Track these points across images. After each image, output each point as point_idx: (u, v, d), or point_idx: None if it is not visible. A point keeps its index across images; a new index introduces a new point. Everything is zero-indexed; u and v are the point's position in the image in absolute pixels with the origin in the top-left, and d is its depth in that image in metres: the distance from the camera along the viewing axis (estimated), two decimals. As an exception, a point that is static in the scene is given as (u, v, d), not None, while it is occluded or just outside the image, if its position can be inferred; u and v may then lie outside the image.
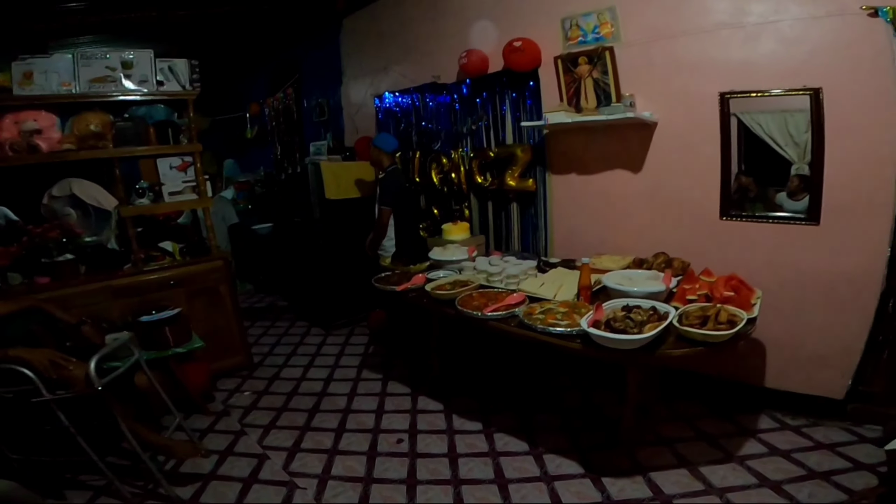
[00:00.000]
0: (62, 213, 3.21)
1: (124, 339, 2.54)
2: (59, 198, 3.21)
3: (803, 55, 2.47)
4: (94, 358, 2.21)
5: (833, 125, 2.44)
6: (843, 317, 2.55)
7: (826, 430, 2.58)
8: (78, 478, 2.52)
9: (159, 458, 2.55)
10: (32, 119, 3.02)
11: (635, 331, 2.02)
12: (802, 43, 2.47)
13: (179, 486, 2.43)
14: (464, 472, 2.46)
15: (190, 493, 2.41)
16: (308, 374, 3.73)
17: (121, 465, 2.57)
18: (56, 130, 3.11)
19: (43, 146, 3.01)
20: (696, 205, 2.91)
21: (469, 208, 4.09)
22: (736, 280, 2.37)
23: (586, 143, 3.28)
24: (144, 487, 2.43)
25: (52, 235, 3.05)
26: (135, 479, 2.47)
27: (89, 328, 2.56)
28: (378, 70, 4.70)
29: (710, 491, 2.20)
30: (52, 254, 3.03)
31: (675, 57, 2.84)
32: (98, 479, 2.46)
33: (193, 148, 3.47)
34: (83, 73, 3.15)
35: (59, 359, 2.21)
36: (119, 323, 2.92)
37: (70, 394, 2.19)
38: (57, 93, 3.08)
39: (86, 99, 3.17)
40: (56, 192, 3.21)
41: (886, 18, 2.25)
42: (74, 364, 2.23)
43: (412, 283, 3.00)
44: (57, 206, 3.22)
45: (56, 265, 3.03)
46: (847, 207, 2.47)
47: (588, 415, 2.92)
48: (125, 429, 2.25)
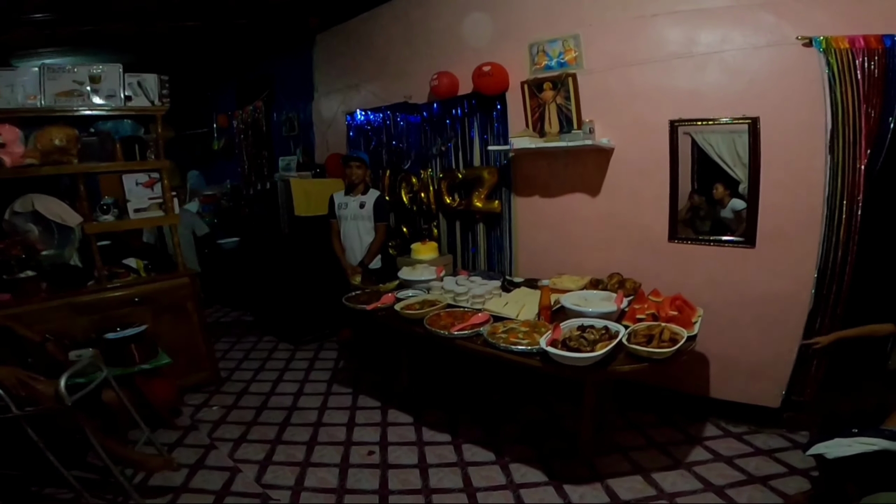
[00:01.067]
0: (24, 230, 3.11)
1: (89, 356, 2.52)
2: (20, 214, 3.12)
3: (744, 84, 2.61)
4: (64, 375, 2.20)
5: (768, 153, 2.62)
6: (777, 332, 2.76)
7: (765, 436, 2.79)
8: (43, 491, 2.49)
9: (128, 472, 2.51)
10: None
11: (588, 349, 2.18)
12: (744, 73, 2.60)
13: (149, 499, 2.42)
14: (434, 482, 2.54)
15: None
16: (277, 389, 3.73)
17: (88, 478, 2.51)
18: (19, 145, 3.01)
19: (6, 160, 2.92)
20: (646, 228, 3.07)
21: (438, 227, 4.16)
22: (680, 300, 2.57)
23: (549, 167, 3.42)
24: (114, 501, 2.41)
25: (13, 252, 2.97)
26: (103, 492, 2.44)
27: (53, 346, 2.54)
28: (350, 87, 4.72)
29: (661, 496, 2.36)
30: (12, 270, 2.96)
31: (631, 85, 2.96)
32: (65, 492, 2.43)
33: (160, 164, 3.42)
34: (49, 86, 3.08)
35: (25, 377, 2.20)
36: (82, 340, 2.87)
37: (39, 410, 2.17)
38: (22, 106, 3.01)
39: (51, 113, 3.10)
40: (18, 208, 3.11)
41: (820, 48, 2.42)
42: (42, 382, 2.22)
43: (382, 302, 3.08)
44: (18, 221, 3.12)
45: (17, 282, 2.95)
46: (780, 232, 2.67)
47: (550, 426, 3.04)
48: (96, 443, 2.23)
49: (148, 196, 3.41)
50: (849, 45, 2.37)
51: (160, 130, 3.47)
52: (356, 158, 3.89)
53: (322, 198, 4.20)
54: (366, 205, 3.83)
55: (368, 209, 3.82)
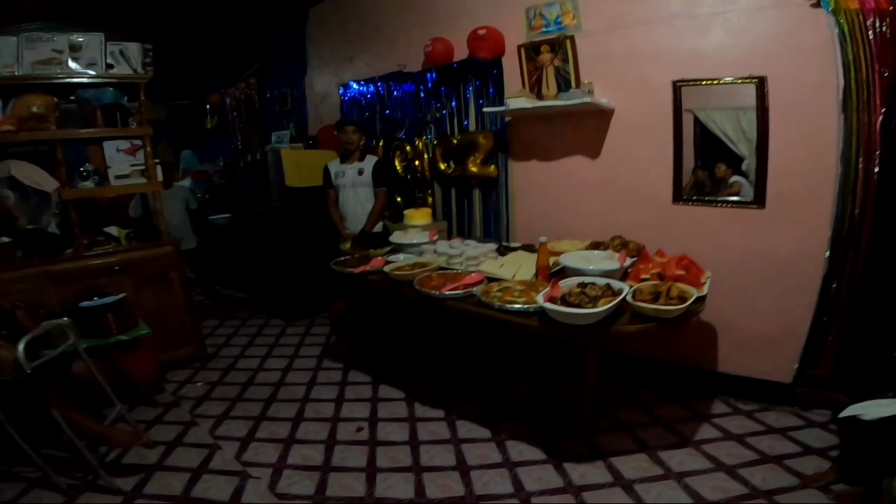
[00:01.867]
0: (0, 196, 3.03)
1: (59, 324, 2.40)
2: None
3: (749, 45, 2.55)
4: (23, 340, 2.09)
5: (777, 112, 2.52)
6: (789, 299, 2.64)
7: (776, 414, 2.65)
8: (12, 469, 2.39)
9: (101, 450, 2.44)
10: None
11: (590, 305, 2.03)
12: (749, 33, 2.55)
13: (121, 477, 2.33)
14: (425, 460, 2.43)
15: (132, 483, 2.31)
16: (265, 365, 3.64)
17: (59, 457, 2.44)
18: None
19: None
20: (650, 190, 2.97)
21: (432, 195, 4.09)
22: (687, 260, 2.41)
23: (546, 130, 3.33)
24: (83, 479, 2.33)
25: (-14, 218, 2.88)
26: (73, 470, 2.36)
27: (23, 313, 2.43)
28: (343, 59, 4.64)
29: (668, 475, 2.22)
30: (-14, 236, 2.86)
31: (632, 46, 2.90)
32: (33, 470, 2.34)
33: (143, 131, 3.35)
34: (27, 55, 3.05)
35: None
36: (58, 310, 2.76)
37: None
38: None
39: (29, 81, 3.05)
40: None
41: (828, 8, 2.35)
42: (2, 346, 2.11)
43: (371, 265, 2.96)
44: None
45: (-10, 248, 2.85)
46: (791, 192, 2.55)
47: (547, 402, 2.92)
48: (57, 415, 2.14)
49: (130, 163, 3.34)
50: (859, 6, 2.30)
51: (143, 98, 3.39)
52: (351, 122, 3.80)
53: (313, 168, 4.10)
54: (364, 171, 3.76)
55: (367, 175, 3.75)
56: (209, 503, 2.18)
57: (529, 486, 2.20)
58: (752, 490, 2.09)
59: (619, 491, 2.14)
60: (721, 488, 2.11)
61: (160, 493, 2.25)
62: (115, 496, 2.22)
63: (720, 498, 2.06)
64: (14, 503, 2.20)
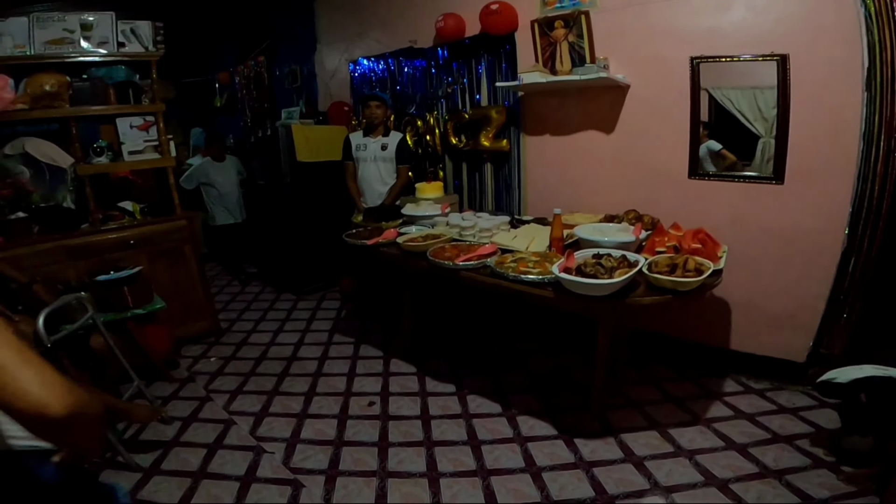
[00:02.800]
0: (15, 172, 3.06)
1: (78, 297, 2.40)
2: (11, 156, 3.08)
3: (771, 23, 2.50)
4: (42, 312, 2.08)
5: (799, 89, 2.48)
6: (806, 276, 2.61)
7: (789, 394, 2.64)
8: None
9: (119, 427, 2.45)
10: None
11: (606, 276, 2.01)
12: (771, 11, 2.49)
13: (139, 454, 2.35)
14: (436, 434, 2.44)
15: (150, 460, 2.33)
16: (277, 339, 3.67)
17: None
18: (9, 91, 3.00)
19: None
20: (665, 164, 2.94)
21: (443, 170, 4.07)
22: (703, 233, 2.38)
23: (560, 104, 3.29)
24: (102, 456, 2.34)
25: (3, 194, 2.92)
26: None
27: (41, 287, 2.44)
28: (353, 36, 4.58)
29: (679, 453, 2.23)
30: (3, 212, 2.91)
31: (649, 22, 2.85)
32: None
33: (155, 108, 3.36)
34: (38, 35, 3.07)
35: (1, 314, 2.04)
36: (75, 283, 2.79)
37: None
38: (11, 55, 2.98)
39: (41, 60, 3.07)
40: (9, 151, 3.07)
41: None
42: (21, 320, 2.10)
43: (384, 237, 2.94)
44: (9, 164, 3.07)
45: (7, 224, 2.90)
46: (811, 168, 2.51)
47: (559, 378, 2.93)
48: None
49: (143, 139, 3.36)
50: (887, -13, 2.23)
51: (155, 76, 3.39)
52: (376, 97, 3.74)
53: (324, 143, 4.10)
54: (388, 146, 3.73)
55: (391, 151, 3.73)
56: (225, 478, 2.21)
57: (540, 461, 2.21)
58: (762, 469, 2.10)
59: (630, 467, 2.15)
60: (732, 466, 2.12)
61: (178, 469, 2.28)
62: (133, 473, 2.24)
63: (731, 476, 2.06)
64: None
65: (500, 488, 2.06)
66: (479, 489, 2.07)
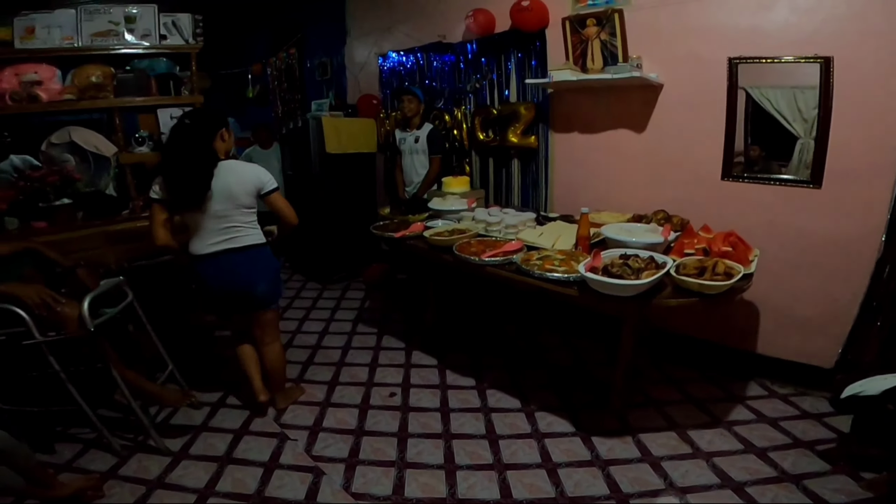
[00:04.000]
0: (61, 160, 3.18)
1: (118, 282, 2.50)
2: (57, 145, 3.20)
3: (816, 24, 2.44)
4: (87, 297, 2.15)
5: (841, 92, 2.43)
6: (839, 282, 2.56)
7: (813, 399, 2.60)
8: (68, 431, 2.49)
9: (151, 410, 2.50)
10: (33, 71, 3.04)
11: (632, 277, 1.99)
12: (816, 12, 2.44)
13: (169, 438, 2.42)
14: (455, 427, 2.48)
15: (179, 444, 2.40)
16: (303, 328, 3.75)
17: (111, 417, 2.53)
18: (56, 82, 3.14)
19: (43, 96, 3.02)
20: (697, 165, 2.90)
21: (470, 164, 4.10)
22: (734, 236, 2.34)
23: (590, 102, 3.27)
24: (134, 440, 2.42)
25: (50, 180, 3.03)
26: (125, 431, 2.46)
27: (84, 271, 2.51)
28: (383, 29, 4.63)
29: (697, 454, 2.22)
30: (49, 198, 3.01)
31: (685, 21, 2.82)
32: (88, 432, 2.44)
33: (194, 99, 3.46)
34: (85, 27, 3.19)
35: (49, 296, 2.13)
36: (115, 268, 2.90)
37: (62, 335, 2.11)
38: (59, 46, 3.10)
39: (88, 52, 3.19)
40: (55, 140, 3.19)
41: None
42: (66, 303, 2.16)
43: (411, 230, 2.98)
44: (55, 152, 3.19)
45: (53, 209, 3.01)
46: (850, 172, 2.46)
47: (579, 375, 2.94)
48: (116, 374, 2.20)
49: (182, 130, 3.43)
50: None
51: (195, 68, 3.50)
52: (408, 91, 3.83)
53: (353, 136, 4.22)
54: (420, 139, 3.82)
55: (423, 143, 3.81)
56: (250, 464, 2.28)
57: (557, 458, 2.23)
58: (780, 473, 2.08)
59: (646, 467, 2.16)
60: (749, 469, 2.11)
61: (205, 454, 2.34)
62: (164, 457, 2.31)
63: (747, 479, 2.06)
64: (71, 464, 2.29)
65: (515, 483, 2.10)
66: (495, 482, 2.10)
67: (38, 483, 1.89)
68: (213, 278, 2.36)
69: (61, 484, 1.98)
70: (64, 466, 2.26)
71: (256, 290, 2.41)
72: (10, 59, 3.03)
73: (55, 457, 2.32)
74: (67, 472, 2.21)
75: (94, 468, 2.25)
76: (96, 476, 2.15)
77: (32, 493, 1.90)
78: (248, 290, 2.40)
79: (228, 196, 2.28)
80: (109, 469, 2.24)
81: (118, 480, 2.17)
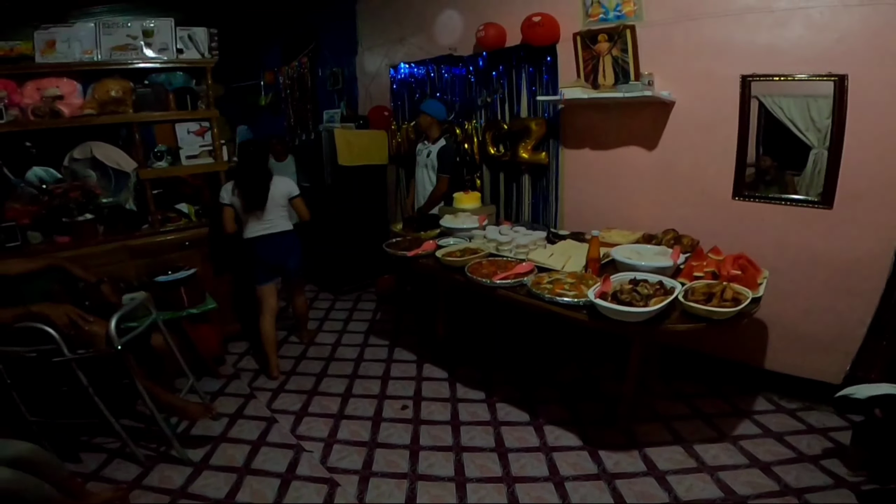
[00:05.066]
0: (83, 175, 3.25)
1: (141, 298, 2.58)
2: (79, 160, 3.26)
3: (831, 42, 2.44)
4: (114, 317, 2.23)
5: (855, 112, 2.42)
6: (848, 301, 2.57)
7: (820, 414, 2.63)
8: (93, 441, 2.57)
9: (172, 421, 2.56)
10: (55, 86, 3.09)
11: (641, 304, 2.03)
12: (831, 30, 2.43)
13: (190, 448, 2.49)
14: (465, 440, 2.53)
15: (200, 455, 2.47)
16: (316, 339, 3.81)
17: (135, 427, 2.61)
18: (77, 96, 3.18)
19: (65, 111, 3.07)
20: (708, 184, 2.91)
21: (480, 178, 4.12)
22: (744, 259, 2.35)
23: (601, 119, 3.27)
24: (157, 450, 2.49)
25: (72, 196, 3.11)
26: (147, 441, 2.53)
27: (107, 287, 2.59)
28: (394, 41, 4.67)
29: (702, 468, 2.26)
30: (72, 213, 3.09)
31: (698, 38, 2.81)
32: (112, 441, 2.52)
33: (211, 114, 3.52)
34: (105, 41, 3.23)
35: (78, 316, 2.22)
36: (135, 283, 3.00)
37: (90, 353, 2.19)
38: (79, 60, 3.14)
39: (107, 66, 3.24)
40: (77, 155, 3.25)
41: None
42: (94, 321, 2.24)
43: (423, 249, 3.01)
44: (78, 167, 3.26)
45: (76, 224, 3.09)
46: (862, 193, 2.46)
47: (588, 389, 2.98)
48: (142, 388, 2.27)
49: (199, 144, 3.52)
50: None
51: (210, 82, 3.55)
52: (420, 111, 3.88)
53: (364, 147, 4.26)
54: (431, 153, 3.83)
55: (433, 158, 3.82)
56: (268, 475, 2.34)
57: (564, 471, 2.28)
58: (783, 487, 2.12)
59: (652, 481, 2.20)
60: (753, 484, 2.15)
61: (225, 465, 2.41)
62: (185, 467, 2.38)
63: (750, 493, 2.10)
64: (96, 474, 2.35)
65: (523, 495, 2.15)
66: (504, 495, 2.15)
67: (70, 494, 1.95)
68: (262, 251, 3.23)
69: (91, 494, 2.04)
70: (90, 476, 2.34)
71: (289, 261, 3.33)
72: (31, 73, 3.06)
73: (80, 466, 2.40)
74: (94, 482, 2.29)
75: (120, 477, 2.32)
76: (124, 486, 2.23)
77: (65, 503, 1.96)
78: (283, 260, 3.30)
79: (274, 200, 3.20)
80: (134, 479, 2.32)
81: (143, 490, 2.25)
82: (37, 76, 3.08)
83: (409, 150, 4.17)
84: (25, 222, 3.01)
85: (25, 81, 3.06)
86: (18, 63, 3.03)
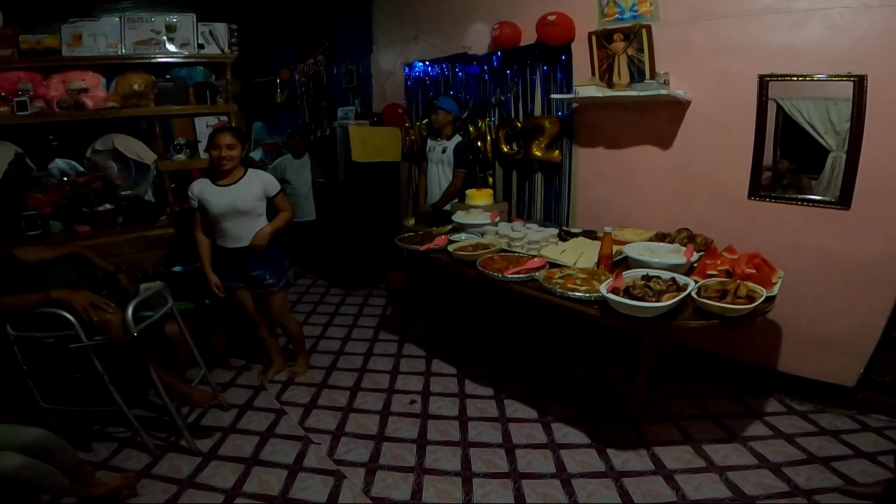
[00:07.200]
0: (104, 166, 3.33)
1: (157, 287, 2.61)
2: (101, 151, 3.33)
3: (851, 43, 2.41)
4: (131, 304, 2.27)
5: (875, 113, 2.40)
6: (864, 303, 2.55)
7: (832, 416, 2.60)
8: (104, 429, 2.60)
9: (183, 411, 2.58)
10: (80, 79, 3.16)
11: (653, 299, 2.01)
12: (851, 31, 2.41)
13: (200, 439, 2.51)
14: (473, 436, 2.54)
15: (209, 445, 2.50)
16: (326, 333, 3.84)
17: (146, 417, 2.64)
18: (101, 89, 3.26)
19: (89, 104, 3.14)
20: (724, 183, 2.89)
21: (493, 176, 4.13)
22: (759, 258, 2.32)
23: (616, 118, 3.26)
24: (167, 440, 2.52)
25: (94, 186, 3.19)
26: (158, 430, 2.56)
27: (125, 276, 2.60)
28: (409, 39, 4.69)
29: (710, 468, 2.25)
30: (92, 204, 3.16)
31: (715, 38, 2.79)
32: (123, 430, 2.56)
33: (229, 108, 3.59)
34: (129, 35, 3.30)
35: (98, 302, 2.25)
36: (152, 273, 3.04)
37: (107, 339, 2.21)
38: (104, 54, 3.22)
39: (131, 60, 3.32)
40: (99, 147, 3.33)
41: None
42: (112, 309, 2.27)
43: (435, 243, 3.02)
44: (99, 159, 3.34)
45: (96, 214, 3.16)
46: (880, 194, 2.44)
47: (597, 387, 2.97)
48: (155, 376, 2.30)
49: (217, 137, 3.56)
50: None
51: (229, 77, 3.62)
52: (435, 105, 3.89)
53: (378, 145, 4.29)
54: (447, 150, 3.85)
55: (449, 154, 3.83)
56: (275, 466, 2.36)
57: (571, 469, 2.28)
58: (793, 489, 2.10)
59: (659, 479, 2.19)
60: (762, 484, 2.14)
61: (233, 455, 2.43)
62: (194, 457, 2.40)
63: (759, 493, 2.08)
64: (107, 462, 2.38)
65: (529, 492, 2.15)
66: (510, 491, 2.15)
67: (79, 481, 1.98)
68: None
69: (100, 482, 2.07)
70: (100, 465, 2.37)
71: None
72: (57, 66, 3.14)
73: (91, 455, 2.43)
74: (103, 471, 2.31)
75: (129, 467, 2.35)
76: (132, 475, 2.25)
77: (74, 491, 1.99)
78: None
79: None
80: (143, 468, 2.34)
81: (151, 479, 2.28)
82: (62, 69, 3.16)
83: (423, 148, 4.19)
84: (47, 211, 3.09)
85: (51, 74, 3.13)
86: (45, 56, 3.11)
